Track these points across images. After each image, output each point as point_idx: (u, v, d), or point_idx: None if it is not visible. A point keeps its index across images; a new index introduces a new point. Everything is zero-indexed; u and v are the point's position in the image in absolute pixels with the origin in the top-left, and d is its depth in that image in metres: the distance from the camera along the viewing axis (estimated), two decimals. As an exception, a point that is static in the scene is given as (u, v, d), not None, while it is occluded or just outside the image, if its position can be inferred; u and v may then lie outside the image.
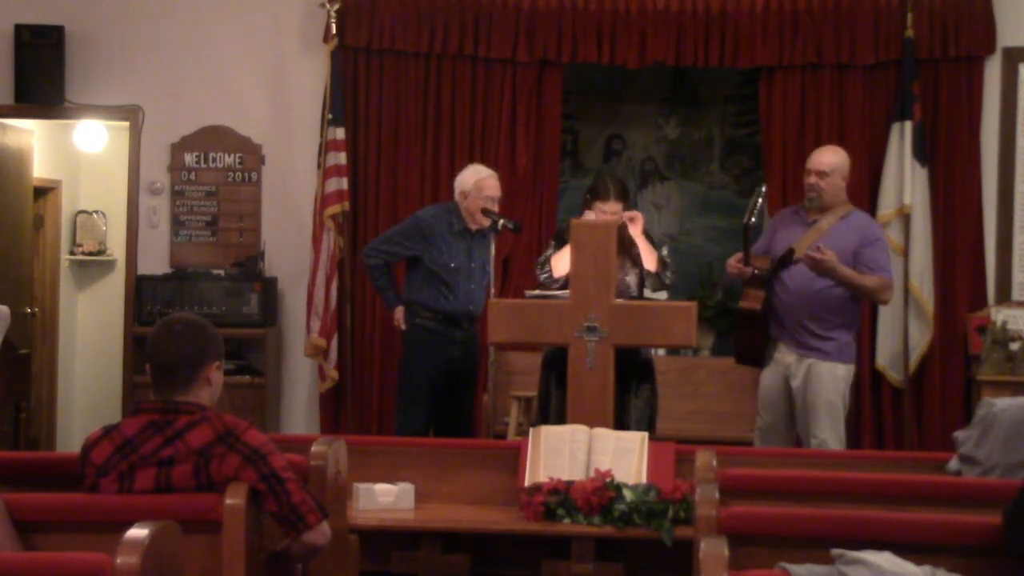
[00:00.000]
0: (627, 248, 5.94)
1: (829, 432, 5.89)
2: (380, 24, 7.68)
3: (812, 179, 6.03)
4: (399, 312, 6.54)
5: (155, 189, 7.93)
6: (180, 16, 7.88)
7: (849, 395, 6.09)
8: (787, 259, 5.91)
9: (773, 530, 3.24)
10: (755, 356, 6.11)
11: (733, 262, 6.04)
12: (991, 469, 4.26)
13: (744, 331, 6.10)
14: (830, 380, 5.93)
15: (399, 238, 6.58)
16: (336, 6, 7.60)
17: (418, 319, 6.48)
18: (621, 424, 5.55)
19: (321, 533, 3.45)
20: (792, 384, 5.96)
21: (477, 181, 6.44)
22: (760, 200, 5.83)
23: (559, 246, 5.96)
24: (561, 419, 5.60)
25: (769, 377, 6.07)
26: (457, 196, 6.52)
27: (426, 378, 6.45)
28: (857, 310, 6.08)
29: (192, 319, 3.52)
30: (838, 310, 5.95)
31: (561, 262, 5.83)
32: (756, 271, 5.92)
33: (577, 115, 8.31)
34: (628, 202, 5.99)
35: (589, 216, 5.88)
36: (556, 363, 5.78)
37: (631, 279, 5.94)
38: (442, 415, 6.54)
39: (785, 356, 6.00)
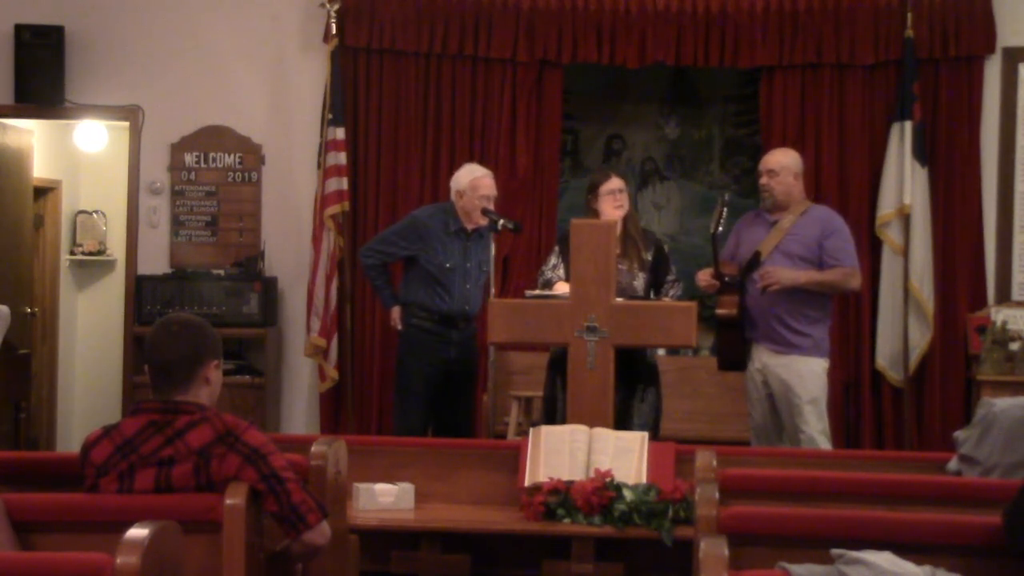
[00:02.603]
0: (637, 251, 5.96)
1: (816, 426, 5.93)
2: (380, 24, 7.69)
3: (763, 179, 6.13)
4: (396, 312, 6.53)
5: (155, 189, 7.93)
6: (180, 16, 7.88)
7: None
8: (754, 262, 5.99)
9: (773, 530, 3.24)
10: (737, 360, 6.15)
11: (704, 276, 6.06)
12: (991, 469, 4.26)
13: (724, 337, 6.13)
14: (811, 376, 5.97)
15: (395, 238, 6.56)
16: (336, 6, 7.60)
17: (414, 319, 6.46)
18: (625, 428, 5.53)
19: (321, 533, 3.45)
20: (771, 382, 6.01)
21: (472, 180, 6.42)
22: (724, 210, 5.86)
23: (563, 254, 5.98)
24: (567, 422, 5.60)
25: (750, 377, 6.13)
26: (453, 196, 6.50)
27: (422, 379, 6.43)
28: (828, 304, 6.12)
29: (189, 319, 3.52)
30: (811, 304, 6.00)
31: (564, 288, 5.87)
32: (727, 279, 5.96)
33: (577, 115, 8.30)
34: (626, 182, 6.11)
35: (606, 200, 5.94)
36: (561, 366, 5.78)
37: (639, 283, 5.95)
38: (440, 416, 6.52)
39: (762, 355, 6.04)
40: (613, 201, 5.97)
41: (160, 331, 3.45)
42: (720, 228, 5.86)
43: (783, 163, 6.11)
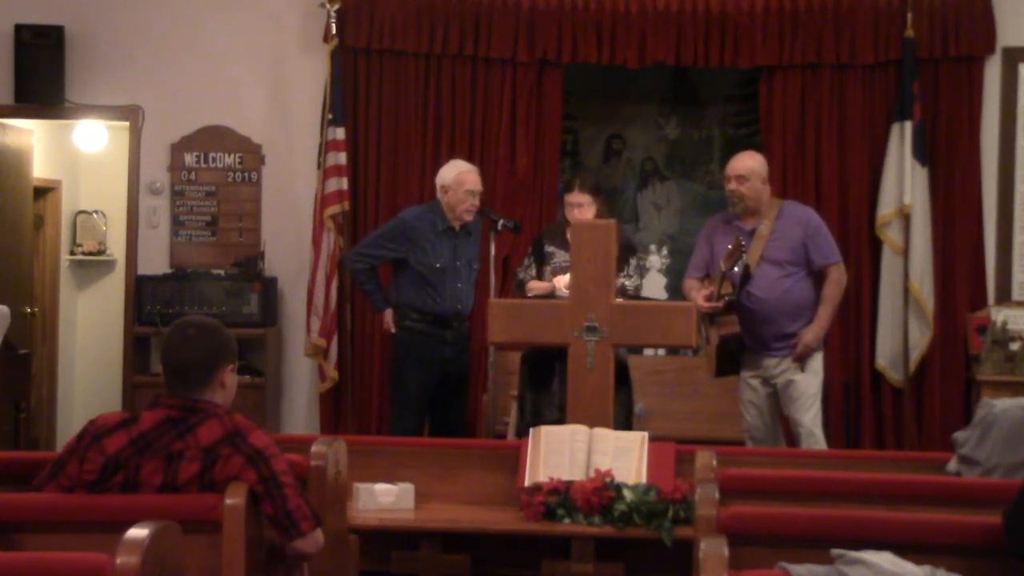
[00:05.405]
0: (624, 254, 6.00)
1: (813, 419, 6.02)
2: (380, 24, 7.68)
3: (732, 185, 6.09)
4: (388, 315, 6.50)
5: (155, 189, 7.93)
6: (180, 16, 7.89)
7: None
8: (746, 276, 5.98)
9: (773, 530, 3.24)
10: (734, 368, 6.17)
11: (704, 304, 6.00)
12: (991, 470, 4.26)
13: (725, 352, 6.11)
14: (812, 373, 6.07)
15: (383, 240, 6.54)
16: (336, 6, 7.59)
17: (407, 321, 6.43)
18: None
19: (313, 542, 3.44)
20: (773, 382, 6.08)
21: (457, 175, 6.43)
22: (743, 254, 5.85)
23: (536, 256, 6.09)
24: (537, 420, 5.63)
25: (748, 381, 6.16)
26: (438, 192, 6.50)
27: (418, 381, 6.41)
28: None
29: (206, 322, 3.51)
30: (809, 303, 6.07)
31: (537, 289, 6.05)
32: (729, 299, 5.96)
33: (577, 115, 8.30)
34: (598, 196, 6.18)
35: (570, 209, 6.10)
36: (530, 363, 5.83)
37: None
38: (437, 417, 6.52)
39: (762, 360, 6.08)
40: (577, 212, 6.08)
41: (176, 334, 3.45)
42: (736, 268, 5.87)
43: (752, 168, 6.09)
